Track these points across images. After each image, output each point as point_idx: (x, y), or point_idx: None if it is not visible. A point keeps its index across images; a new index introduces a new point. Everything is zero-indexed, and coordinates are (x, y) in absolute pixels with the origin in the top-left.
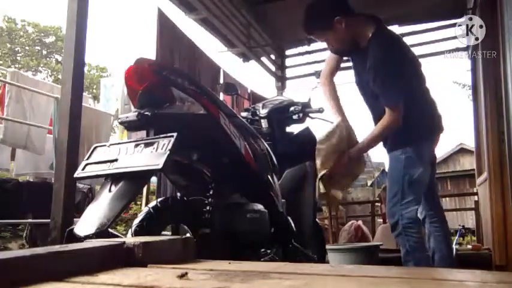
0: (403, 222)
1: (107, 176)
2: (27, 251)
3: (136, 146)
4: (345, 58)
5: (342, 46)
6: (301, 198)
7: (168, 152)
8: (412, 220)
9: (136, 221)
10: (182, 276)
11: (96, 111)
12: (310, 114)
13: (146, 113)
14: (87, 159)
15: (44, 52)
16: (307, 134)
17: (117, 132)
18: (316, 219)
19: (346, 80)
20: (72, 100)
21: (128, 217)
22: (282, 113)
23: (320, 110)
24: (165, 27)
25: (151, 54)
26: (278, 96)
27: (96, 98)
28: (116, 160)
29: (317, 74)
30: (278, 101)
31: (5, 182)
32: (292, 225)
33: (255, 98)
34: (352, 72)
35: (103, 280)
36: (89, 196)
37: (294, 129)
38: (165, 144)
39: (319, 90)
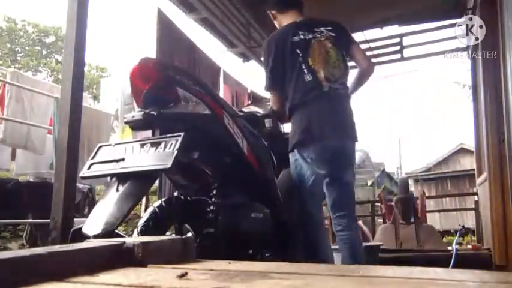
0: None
1: (114, 176)
2: (27, 251)
3: (143, 145)
4: None
5: None
6: (297, 198)
7: (176, 152)
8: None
9: (142, 221)
10: (182, 276)
11: (96, 111)
12: None
13: (152, 112)
14: (93, 158)
15: (44, 52)
16: None
17: (117, 132)
18: None
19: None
20: (72, 100)
21: (128, 217)
22: None
23: None
24: (165, 27)
25: (151, 54)
26: None
27: (96, 98)
28: (122, 159)
29: None
30: None
31: (5, 182)
32: (292, 225)
33: (255, 98)
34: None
35: (103, 280)
36: (89, 196)
37: None
38: (172, 143)
39: None
